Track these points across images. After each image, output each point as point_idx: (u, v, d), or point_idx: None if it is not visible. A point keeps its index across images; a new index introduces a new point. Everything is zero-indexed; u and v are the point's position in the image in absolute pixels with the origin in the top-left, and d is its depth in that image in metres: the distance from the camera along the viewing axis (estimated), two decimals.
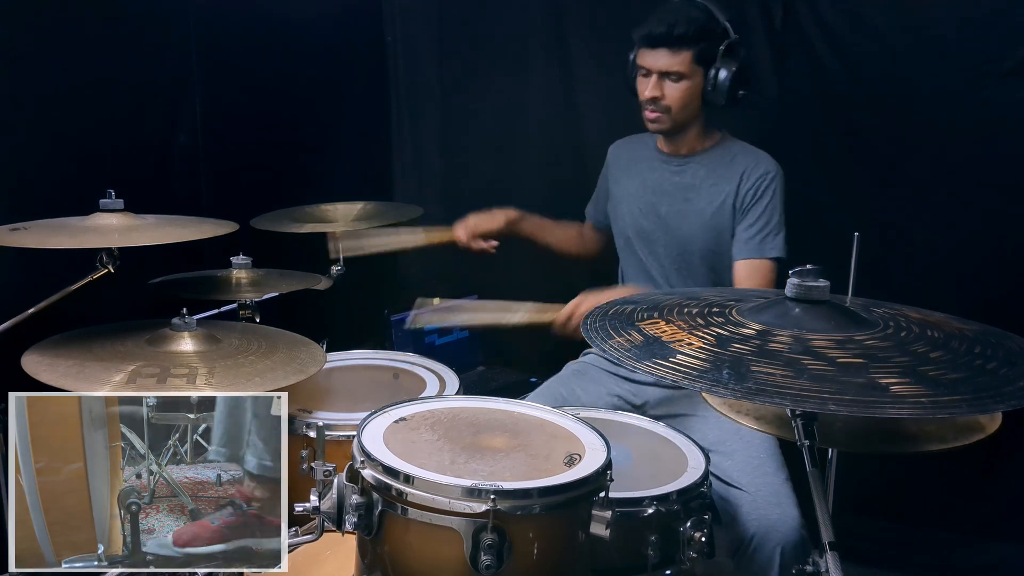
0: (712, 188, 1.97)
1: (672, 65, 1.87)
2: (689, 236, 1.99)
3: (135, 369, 1.43)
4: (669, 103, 1.91)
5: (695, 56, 1.87)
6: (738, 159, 1.98)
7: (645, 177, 2.07)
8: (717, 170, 1.98)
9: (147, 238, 1.54)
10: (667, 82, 1.89)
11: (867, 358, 1.03)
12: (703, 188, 1.98)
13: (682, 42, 1.85)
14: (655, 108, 1.92)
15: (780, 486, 1.67)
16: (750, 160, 1.97)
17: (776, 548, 1.58)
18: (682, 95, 1.90)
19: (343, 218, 2.28)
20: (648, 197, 2.05)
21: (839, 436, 1.27)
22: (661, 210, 2.02)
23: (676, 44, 1.86)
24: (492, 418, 1.38)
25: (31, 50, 1.83)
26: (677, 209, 2.01)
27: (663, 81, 1.89)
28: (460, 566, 1.11)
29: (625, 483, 1.41)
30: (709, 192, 1.97)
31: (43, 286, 1.59)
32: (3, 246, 1.44)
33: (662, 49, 1.87)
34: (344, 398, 1.81)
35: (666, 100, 1.90)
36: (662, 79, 1.89)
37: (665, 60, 1.87)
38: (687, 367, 1.02)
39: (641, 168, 2.09)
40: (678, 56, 1.86)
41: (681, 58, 1.86)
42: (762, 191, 1.94)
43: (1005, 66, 2.03)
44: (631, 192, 2.09)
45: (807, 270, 1.15)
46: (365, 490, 1.18)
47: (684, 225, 1.99)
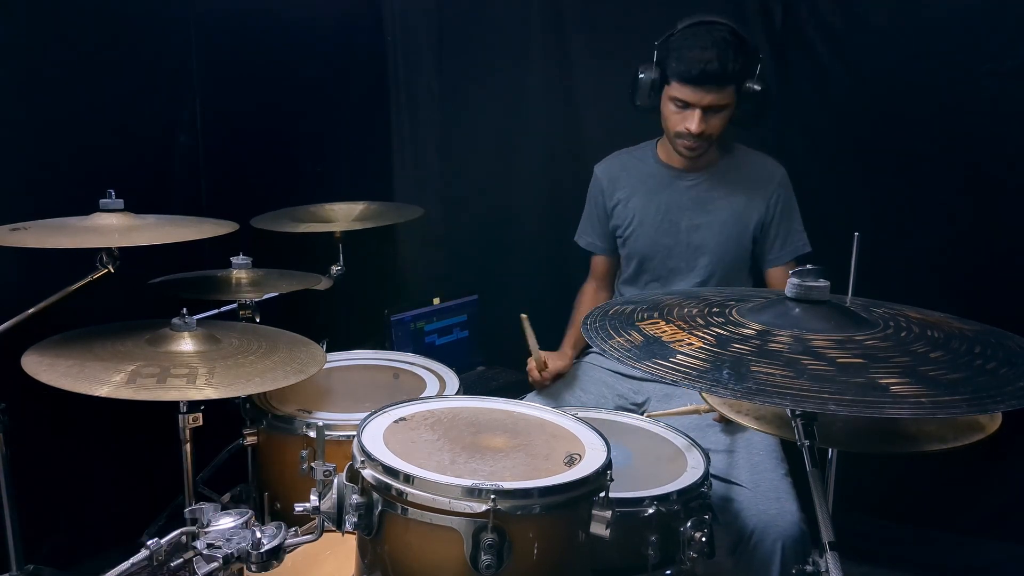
0: (730, 198, 1.99)
1: (720, 100, 1.83)
2: (712, 247, 2.01)
3: (135, 369, 1.43)
4: (711, 132, 1.88)
5: (736, 87, 1.84)
6: (749, 167, 2.01)
7: (658, 195, 2.04)
8: (732, 180, 2.00)
9: (147, 238, 1.54)
10: (710, 115, 1.85)
11: (867, 358, 1.03)
12: (721, 199, 2.00)
13: (732, 78, 1.82)
14: (697, 140, 1.88)
15: (779, 481, 1.67)
16: (762, 169, 2.01)
17: (776, 543, 1.58)
18: (722, 124, 1.88)
19: (343, 218, 2.29)
20: (666, 215, 2.03)
21: (839, 436, 1.27)
22: (682, 225, 2.02)
23: (726, 81, 1.81)
24: (492, 418, 1.38)
25: (31, 50, 1.83)
26: (698, 223, 2.01)
27: (707, 115, 1.85)
28: (460, 566, 1.11)
29: (625, 483, 1.41)
30: (729, 203, 1.99)
31: (43, 286, 1.60)
32: (3, 246, 1.44)
33: (711, 86, 1.81)
34: (344, 398, 1.81)
35: (708, 130, 1.87)
36: (707, 113, 1.85)
37: (713, 96, 1.82)
38: (687, 367, 1.02)
39: (651, 185, 2.06)
40: (725, 91, 1.82)
41: (727, 92, 1.83)
42: (782, 197, 1.99)
43: (1005, 66, 2.03)
44: (646, 211, 2.05)
45: (807, 270, 1.15)
46: (365, 490, 1.18)
47: (708, 238, 2.00)
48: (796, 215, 2.02)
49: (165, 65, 2.13)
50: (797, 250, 2.01)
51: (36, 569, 1.75)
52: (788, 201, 2.01)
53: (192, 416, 1.53)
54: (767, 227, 2.00)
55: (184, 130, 2.19)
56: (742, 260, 2.03)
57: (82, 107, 1.93)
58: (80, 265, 1.59)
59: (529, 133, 2.69)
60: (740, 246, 2.00)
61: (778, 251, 2.02)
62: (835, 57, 2.23)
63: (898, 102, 2.17)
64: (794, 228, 2.02)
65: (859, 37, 2.19)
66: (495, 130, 2.75)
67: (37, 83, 1.85)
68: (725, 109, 1.86)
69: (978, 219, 2.13)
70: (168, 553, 1.15)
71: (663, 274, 2.07)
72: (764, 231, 2.01)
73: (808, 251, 2.01)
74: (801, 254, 2.01)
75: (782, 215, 2.00)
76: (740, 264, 2.03)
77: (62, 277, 1.59)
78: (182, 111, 2.18)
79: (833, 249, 1.26)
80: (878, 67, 2.18)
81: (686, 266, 2.04)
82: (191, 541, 1.15)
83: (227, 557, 1.11)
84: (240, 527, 1.15)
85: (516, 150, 2.73)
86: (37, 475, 1.82)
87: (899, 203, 2.20)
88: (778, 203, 1.99)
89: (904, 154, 2.19)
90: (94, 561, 1.90)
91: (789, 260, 2.01)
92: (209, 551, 1.12)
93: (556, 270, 2.59)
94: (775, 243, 2.01)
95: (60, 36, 1.87)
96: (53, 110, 1.88)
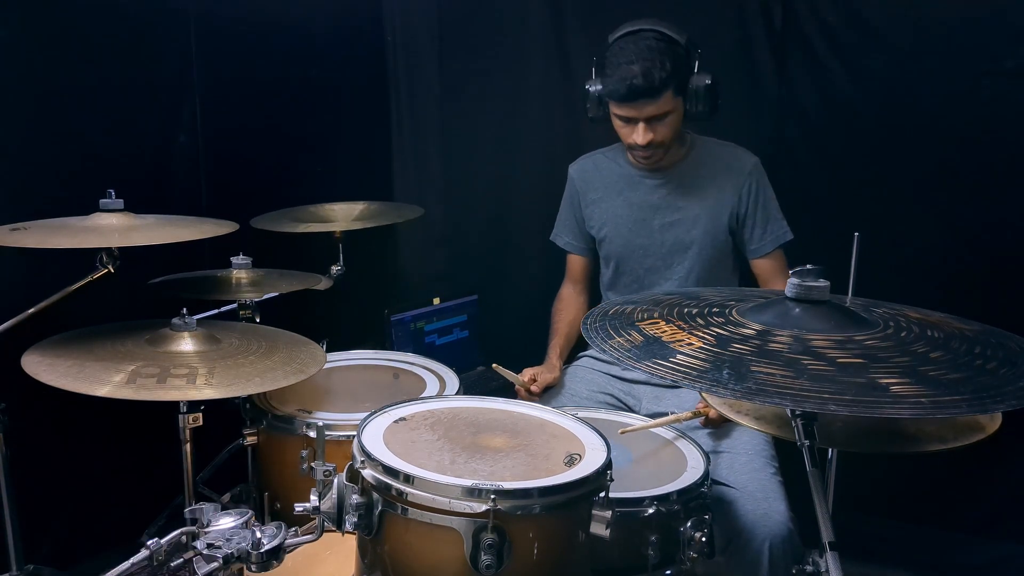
0: (701, 192, 1.98)
1: (659, 109, 1.82)
2: (687, 244, 2.00)
3: (135, 369, 1.43)
4: (661, 139, 1.87)
5: (675, 90, 1.82)
6: (719, 159, 1.99)
7: (628, 196, 2.04)
8: (702, 174, 1.99)
9: (147, 238, 1.54)
10: (655, 124, 1.85)
11: (867, 358, 1.03)
12: (691, 195, 1.99)
13: (663, 86, 1.78)
14: (648, 149, 1.88)
15: (767, 481, 1.67)
16: (731, 159, 1.99)
17: (764, 543, 1.58)
18: (671, 129, 1.87)
19: (343, 218, 2.28)
20: (637, 215, 2.03)
21: (839, 436, 1.27)
22: (654, 224, 2.02)
23: (657, 92, 1.78)
24: (492, 418, 1.38)
25: (31, 50, 1.82)
26: (670, 220, 2.00)
27: (652, 124, 1.84)
28: (460, 566, 1.11)
29: (625, 483, 1.41)
30: (699, 197, 1.98)
31: (43, 286, 1.59)
32: (3, 246, 1.44)
33: (643, 100, 1.79)
34: (344, 398, 1.81)
35: (657, 138, 1.86)
36: (650, 123, 1.84)
37: (650, 108, 1.81)
38: (687, 367, 1.02)
39: (621, 187, 2.06)
40: (661, 99, 1.80)
41: (664, 99, 1.81)
42: (756, 186, 1.96)
43: (1005, 66, 2.03)
44: (617, 212, 2.06)
45: (807, 270, 1.15)
46: (365, 490, 1.18)
47: (681, 235, 2.00)
48: (773, 203, 1.98)
49: (165, 65, 2.13)
50: (779, 239, 1.98)
51: (36, 569, 1.75)
52: (762, 190, 1.97)
53: (192, 416, 1.53)
54: (743, 218, 1.98)
55: (184, 130, 2.19)
56: (722, 254, 2.01)
57: (82, 107, 1.93)
58: (80, 265, 1.59)
59: (529, 133, 2.69)
60: (716, 239, 1.99)
61: (758, 241, 1.99)
62: (835, 57, 2.23)
63: (898, 102, 2.17)
64: (772, 216, 1.98)
65: (859, 37, 2.19)
66: (495, 130, 2.75)
67: (38, 83, 1.85)
68: (668, 115, 1.84)
69: (978, 219, 2.13)
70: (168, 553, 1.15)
71: (640, 274, 2.07)
72: (740, 222, 1.98)
73: (790, 239, 1.98)
74: (784, 242, 1.98)
75: (756, 204, 1.96)
76: (721, 258, 2.02)
77: (62, 277, 1.59)
78: (182, 111, 2.18)
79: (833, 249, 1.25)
80: (878, 67, 2.18)
81: (663, 264, 2.03)
82: (191, 541, 1.15)
83: (227, 557, 1.11)
84: (240, 527, 1.15)
85: (516, 150, 2.73)
86: (37, 475, 1.82)
87: (899, 203, 2.20)
88: (751, 192, 1.96)
89: (904, 154, 2.19)
90: (94, 561, 1.90)
91: (772, 249, 1.98)
92: (209, 551, 1.12)
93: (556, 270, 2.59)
94: (754, 233, 1.98)
95: (60, 36, 1.87)
96: (53, 110, 1.88)
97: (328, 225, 2.19)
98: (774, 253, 1.99)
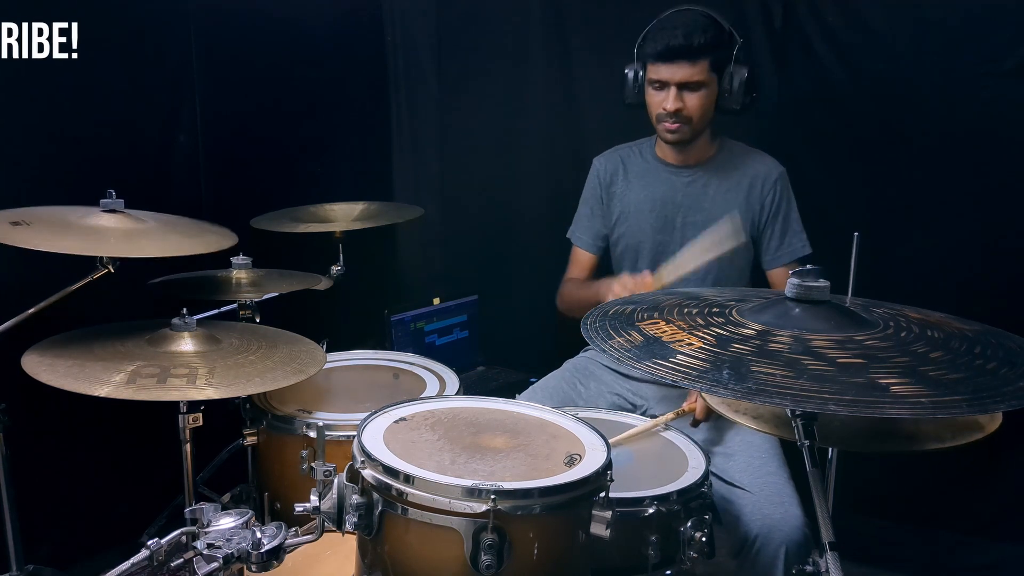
0: (727, 195, 1.98)
1: (692, 75, 1.85)
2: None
3: (135, 369, 1.43)
4: (690, 113, 1.89)
5: (711, 64, 1.86)
6: (747, 165, 1.99)
7: (654, 190, 2.04)
8: (729, 177, 1.99)
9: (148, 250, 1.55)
10: (686, 93, 1.87)
11: (867, 358, 1.03)
12: (717, 196, 1.99)
13: (701, 52, 1.83)
14: (676, 120, 1.90)
15: (782, 486, 1.66)
16: (759, 166, 1.99)
17: (780, 548, 1.57)
18: (702, 103, 1.88)
19: (343, 218, 2.29)
20: (662, 210, 2.03)
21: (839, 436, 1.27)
22: (677, 222, 2.02)
23: (695, 54, 1.83)
24: (492, 418, 1.38)
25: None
26: (693, 220, 2.00)
27: (682, 93, 1.87)
28: (460, 566, 1.11)
29: (625, 483, 1.41)
30: (724, 200, 1.98)
31: (43, 286, 1.59)
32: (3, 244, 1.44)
33: (681, 61, 1.84)
34: (344, 398, 1.81)
35: (687, 110, 1.88)
36: (681, 91, 1.87)
37: (685, 71, 1.84)
38: (687, 367, 1.02)
39: (648, 180, 2.06)
40: (697, 66, 1.84)
41: (700, 67, 1.84)
42: (779, 196, 1.98)
43: (1005, 66, 2.03)
44: (641, 206, 2.05)
45: (807, 270, 1.15)
46: (365, 490, 1.18)
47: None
48: (794, 216, 1.99)
49: (165, 65, 2.13)
50: (796, 252, 1.98)
51: (36, 569, 1.75)
52: (785, 201, 1.98)
53: (192, 416, 1.53)
54: (762, 227, 1.99)
55: (184, 130, 2.19)
56: (740, 259, 2.01)
57: (82, 107, 1.93)
58: (80, 265, 1.59)
59: (529, 133, 2.69)
60: (737, 244, 1.98)
61: (774, 252, 2.00)
62: (835, 57, 2.23)
63: (898, 102, 2.17)
64: (792, 229, 1.99)
65: (859, 37, 2.19)
66: (495, 130, 2.75)
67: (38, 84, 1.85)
68: (702, 88, 1.87)
69: (978, 219, 2.13)
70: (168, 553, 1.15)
71: (656, 270, 2.06)
72: (760, 231, 1.99)
73: (808, 253, 1.98)
74: (800, 256, 1.98)
75: (777, 214, 1.98)
76: (739, 263, 2.01)
77: (62, 277, 1.59)
78: (182, 111, 2.18)
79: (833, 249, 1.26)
80: (878, 67, 2.18)
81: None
82: (191, 541, 1.15)
83: (227, 557, 1.11)
84: (240, 527, 1.15)
85: (516, 150, 2.73)
86: (37, 475, 1.82)
87: (899, 203, 2.20)
88: (774, 202, 1.97)
89: (904, 154, 2.19)
90: (94, 561, 1.90)
91: (788, 262, 1.98)
92: (209, 551, 1.12)
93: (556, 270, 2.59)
94: (771, 243, 1.99)
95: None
96: (53, 110, 1.89)
97: (328, 225, 2.20)
98: (790, 266, 1.98)
